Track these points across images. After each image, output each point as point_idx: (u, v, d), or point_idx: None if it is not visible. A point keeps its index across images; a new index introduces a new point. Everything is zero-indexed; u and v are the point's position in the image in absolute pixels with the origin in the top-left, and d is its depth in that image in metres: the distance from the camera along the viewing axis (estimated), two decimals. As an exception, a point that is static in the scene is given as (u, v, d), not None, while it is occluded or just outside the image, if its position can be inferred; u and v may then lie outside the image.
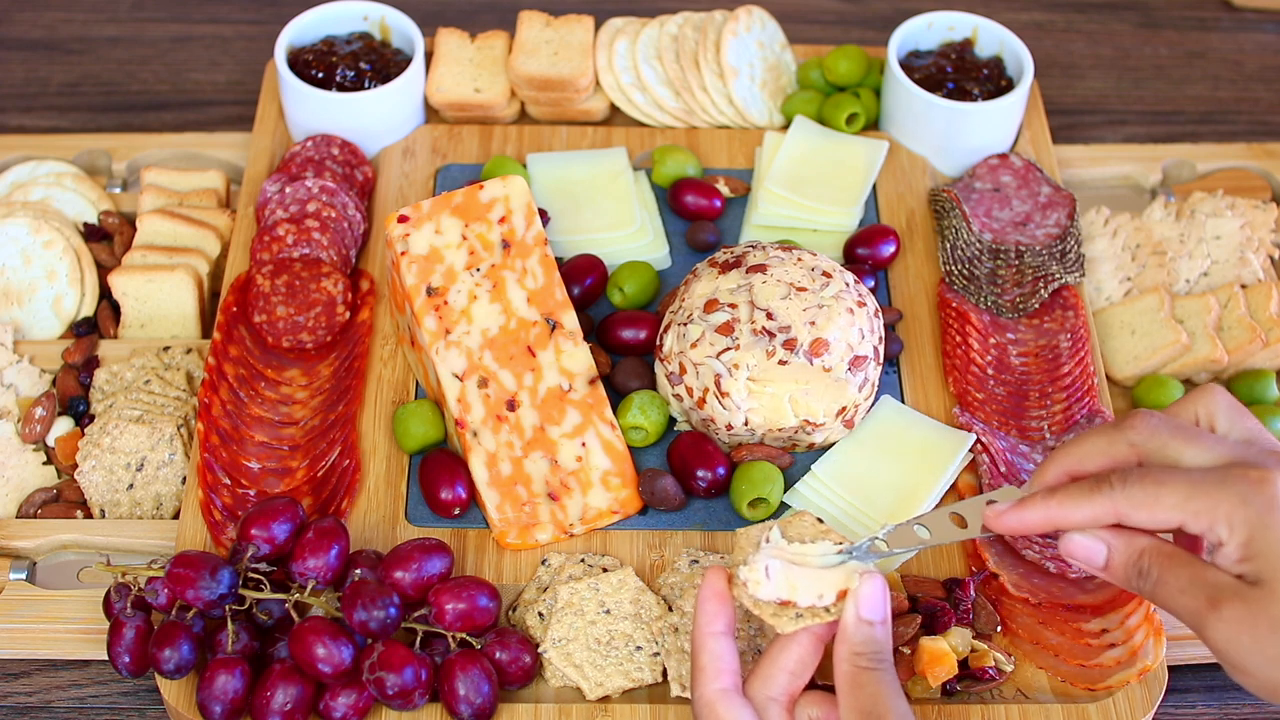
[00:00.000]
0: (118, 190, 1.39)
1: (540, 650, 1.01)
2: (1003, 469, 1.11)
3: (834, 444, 1.14)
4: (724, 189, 1.31)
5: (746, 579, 0.89)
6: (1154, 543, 0.84)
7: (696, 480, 1.10)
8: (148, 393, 1.17)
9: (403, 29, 1.37)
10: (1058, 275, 1.24)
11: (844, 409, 1.11)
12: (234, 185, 1.39)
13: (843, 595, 0.89)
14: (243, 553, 1.00)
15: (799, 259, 1.12)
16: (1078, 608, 1.05)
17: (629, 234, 1.27)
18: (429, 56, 1.41)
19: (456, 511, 1.09)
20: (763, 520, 1.08)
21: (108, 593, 1.02)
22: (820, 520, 0.94)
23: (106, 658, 1.01)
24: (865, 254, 1.25)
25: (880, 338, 1.13)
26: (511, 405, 1.11)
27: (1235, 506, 0.79)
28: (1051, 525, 0.87)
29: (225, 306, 1.21)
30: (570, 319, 1.13)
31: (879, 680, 0.86)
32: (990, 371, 1.19)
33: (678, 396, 1.13)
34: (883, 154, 1.32)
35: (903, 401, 1.18)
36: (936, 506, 1.10)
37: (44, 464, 1.18)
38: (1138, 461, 0.86)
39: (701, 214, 1.30)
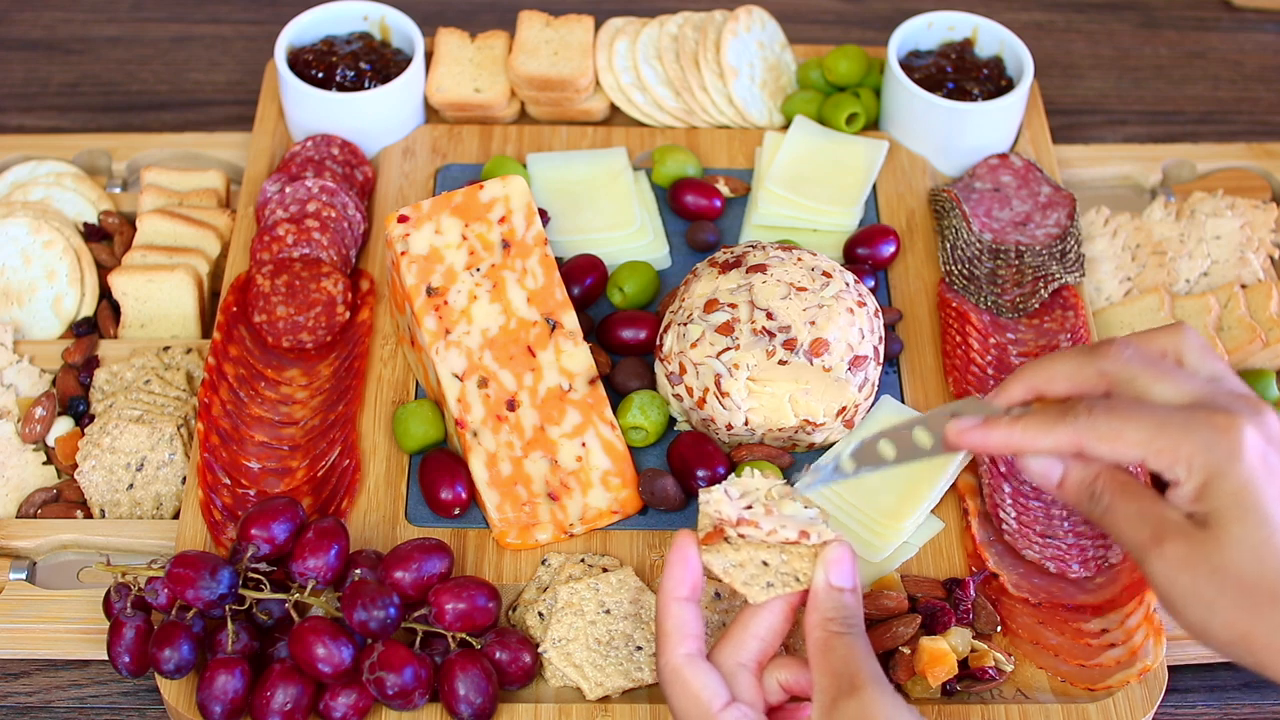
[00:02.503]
0: (118, 190, 1.39)
1: (540, 650, 1.01)
2: (1003, 469, 1.11)
3: (834, 444, 1.14)
4: (724, 189, 1.31)
5: (707, 499, 0.89)
6: (1109, 468, 0.84)
7: (696, 480, 1.10)
8: (148, 393, 1.17)
9: (403, 29, 1.37)
10: (1058, 275, 1.24)
11: (844, 409, 1.11)
12: (234, 185, 1.39)
13: (805, 536, 0.89)
14: (243, 553, 1.00)
15: (799, 259, 1.12)
16: (1078, 608, 1.05)
17: (629, 234, 1.27)
18: (429, 56, 1.41)
19: (456, 511, 1.09)
20: None
21: (108, 593, 1.02)
22: (787, 482, 0.94)
23: (106, 658, 1.01)
24: (865, 254, 1.26)
25: (880, 338, 1.13)
26: (511, 405, 1.11)
27: (1197, 450, 0.79)
28: (1012, 449, 0.87)
29: (225, 306, 1.21)
30: (570, 319, 1.13)
31: (851, 644, 0.86)
32: (990, 371, 1.19)
33: (678, 396, 1.13)
34: (883, 154, 1.32)
35: (903, 401, 1.18)
36: (936, 509, 1.11)
37: (44, 464, 1.18)
38: (1105, 390, 0.85)
39: (701, 214, 1.30)
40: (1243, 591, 0.77)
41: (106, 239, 1.32)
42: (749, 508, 0.90)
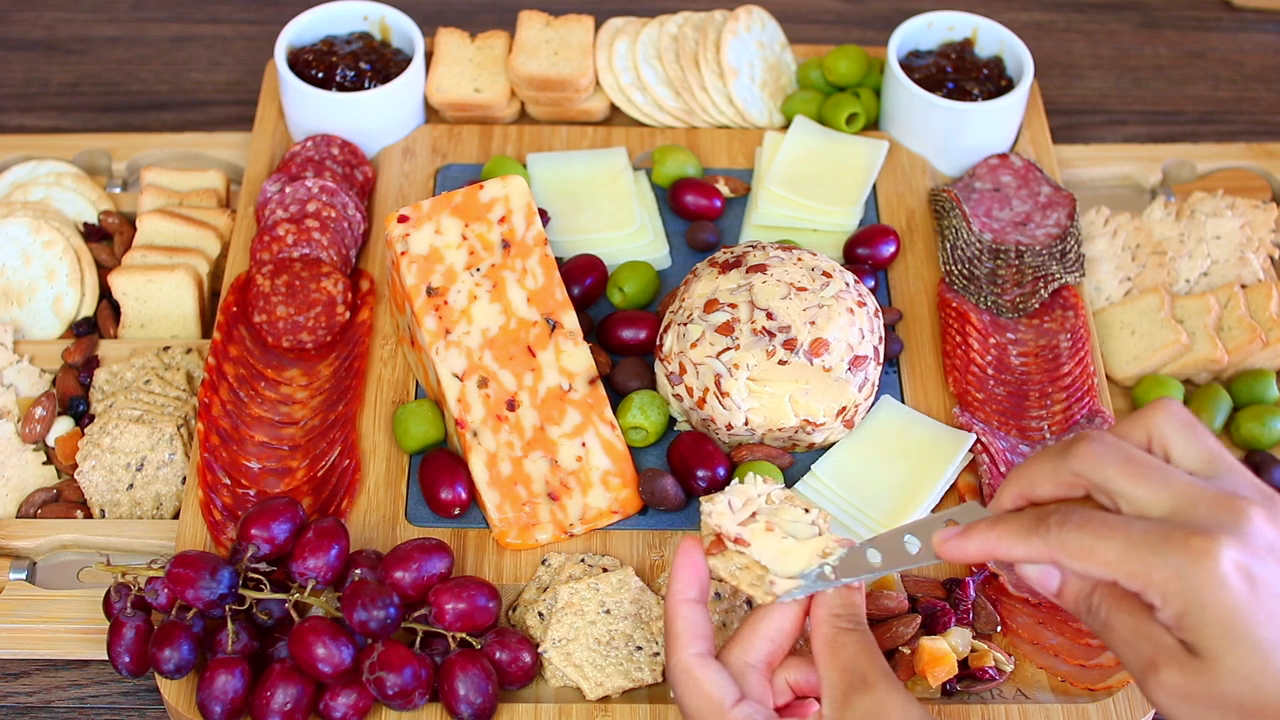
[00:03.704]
0: (118, 190, 1.39)
1: (540, 650, 1.01)
2: (1003, 469, 1.11)
3: (834, 444, 1.14)
4: (724, 189, 1.31)
5: (709, 511, 0.89)
6: (1107, 583, 0.78)
7: (696, 480, 1.10)
8: (148, 393, 1.17)
9: (403, 29, 1.37)
10: (1058, 275, 1.24)
11: (844, 409, 1.11)
12: (234, 185, 1.39)
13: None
14: (243, 553, 1.00)
15: (799, 259, 1.12)
16: (1078, 608, 1.04)
17: (629, 234, 1.27)
18: (429, 56, 1.41)
19: (456, 511, 1.09)
20: None
21: (108, 593, 1.02)
22: (788, 488, 0.94)
23: (106, 658, 1.01)
24: (865, 254, 1.25)
25: (880, 338, 1.13)
26: (511, 405, 1.11)
27: (1169, 578, 0.73)
28: (991, 557, 0.82)
29: (225, 306, 1.21)
30: (570, 319, 1.13)
31: (859, 640, 0.86)
32: (990, 371, 1.19)
33: (678, 396, 1.13)
34: (883, 154, 1.32)
35: (903, 401, 1.18)
36: (936, 508, 1.11)
37: (44, 464, 1.18)
38: (1084, 492, 0.80)
39: (701, 214, 1.30)
40: (1246, 717, 0.73)
41: (106, 239, 1.32)
42: (752, 515, 0.91)
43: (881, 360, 1.13)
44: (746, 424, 1.10)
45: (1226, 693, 0.73)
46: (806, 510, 0.91)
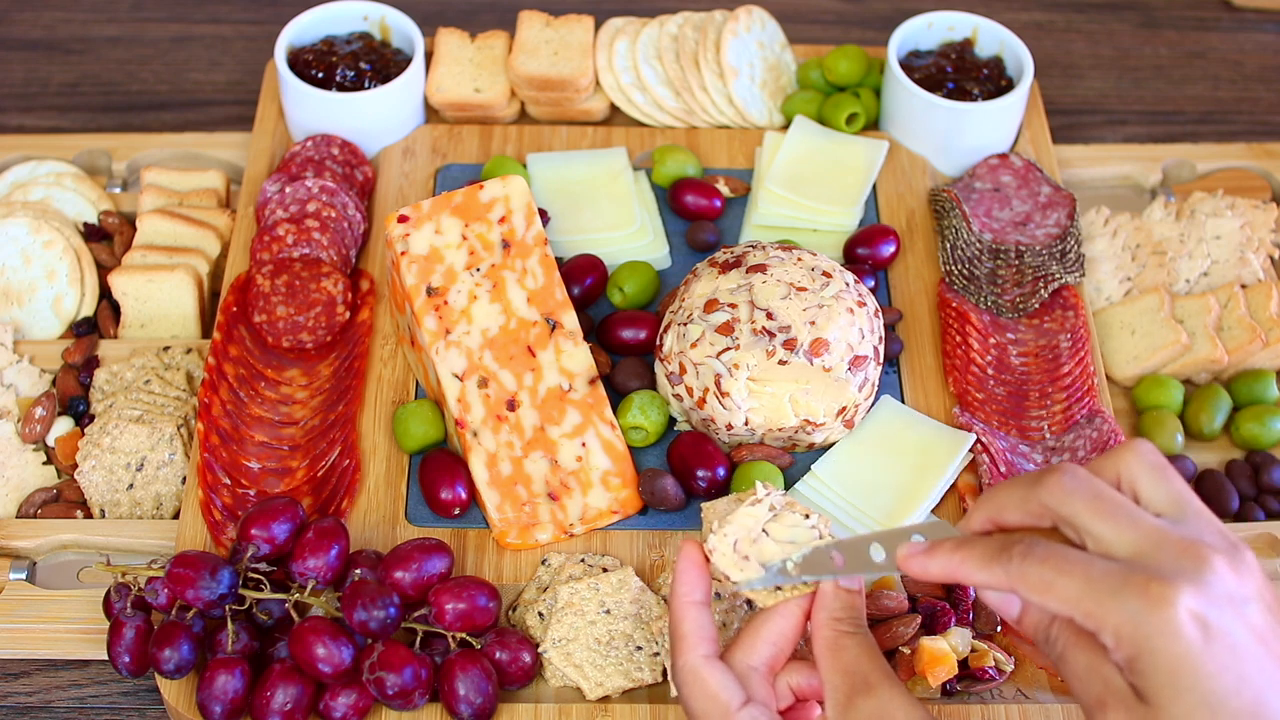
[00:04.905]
0: (118, 190, 1.39)
1: (540, 650, 1.01)
2: (1003, 469, 1.11)
3: (834, 444, 1.14)
4: (724, 189, 1.31)
5: (715, 547, 0.89)
6: (1065, 617, 0.78)
7: (696, 480, 1.10)
8: (148, 393, 1.17)
9: (403, 29, 1.37)
10: (1058, 275, 1.24)
11: (844, 409, 1.11)
12: (234, 185, 1.39)
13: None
14: (243, 553, 1.00)
15: (799, 259, 1.12)
16: (1078, 608, 1.04)
17: (629, 234, 1.27)
18: (429, 56, 1.41)
19: (456, 511, 1.09)
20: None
21: (108, 593, 1.02)
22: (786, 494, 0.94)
23: (106, 658, 1.01)
24: (865, 254, 1.25)
25: (880, 338, 1.13)
26: (511, 405, 1.11)
27: (1124, 621, 0.73)
28: (953, 579, 0.82)
29: (225, 306, 1.21)
30: (570, 319, 1.13)
31: (860, 643, 0.86)
32: (990, 371, 1.19)
33: (678, 396, 1.13)
34: (883, 154, 1.32)
35: (903, 401, 1.18)
36: (935, 509, 1.11)
37: (44, 464, 1.18)
38: (1051, 522, 0.80)
39: (701, 214, 1.30)
40: None
41: (106, 239, 1.32)
42: (751, 541, 0.91)
43: (881, 360, 1.13)
44: (746, 424, 1.10)
45: None
46: (807, 516, 0.92)
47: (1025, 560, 0.77)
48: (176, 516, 1.14)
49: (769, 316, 1.08)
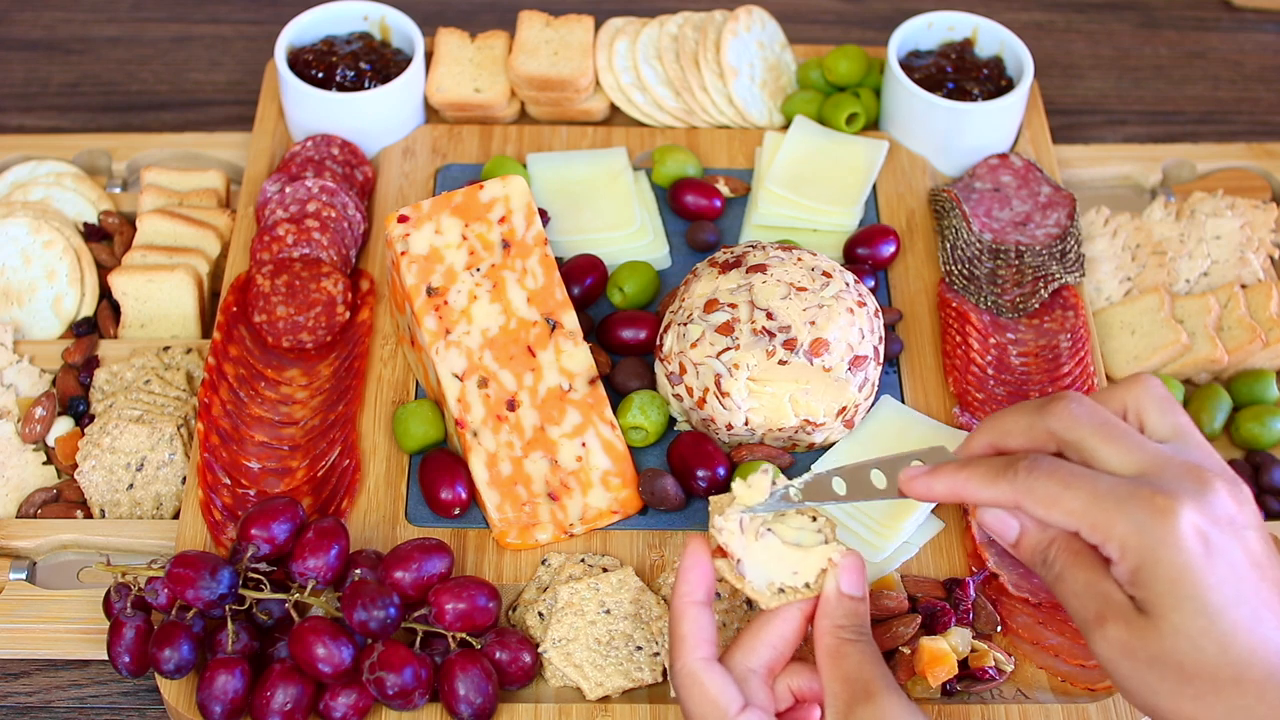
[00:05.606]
0: (118, 190, 1.39)
1: (540, 650, 1.01)
2: (1003, 469, 1.11)
3: (834, 444, 1.14)
4: (724, 189, 1.31)
5: (721, 526, 0.89)
6: (1065, 536, 0.81)
7: (696, 480, 1.10)
8: (148, 393, 1.17)
9: (403, 29, 1.37)
10: (1058, 275, 1.24)
11: (844, 409, 1.11)
12: (234, 185, 1.39)
13: (822, 574, 0.90)
14: (243, 553, 1.00)
15: (799, 259, 1.12)
16: (1078, 608, 1.04)
17: (629, 234, 1.27)
18: (429, 56, 1.41)
19: (456, 511, 1.09)
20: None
21: (108, 593, 1.02)
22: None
23: (106, 658, 1.01)
24: (865, 254, 1.26)
25: (880, 338, 1.13)
26: (511, 405, 1.11)
27: (1130, 531, 0.75)
28: (956, 498, 0.84)
29: (225, 306, 1.21)
30: (570, 319, 1.13)
31: (862, 650, 0.86)
32: (990, 371, 1.19)
33: (678, 396, 1.13)
34: (883, 154, 1.32)
35: (903, 401, 1.18)
36: (934, 510, 1.11)
37: (44, 464, 1.18)
38: (1056, 449, 0.82)
39: (701, 214, 1.30)
40: (1184, 680, 0.75)
41: (106, 239, 1.32)
42: (762, 527, 0.91)
43: (881, 360, 1.13)
44: (746, 424, 1.10)
45: (1168, 651, 0.75)
46: (814, 519, 0.92)
47: (1031, 475, 0.79)
48: (176, 516, 1.14)
49: (769, 316, 1.08)
